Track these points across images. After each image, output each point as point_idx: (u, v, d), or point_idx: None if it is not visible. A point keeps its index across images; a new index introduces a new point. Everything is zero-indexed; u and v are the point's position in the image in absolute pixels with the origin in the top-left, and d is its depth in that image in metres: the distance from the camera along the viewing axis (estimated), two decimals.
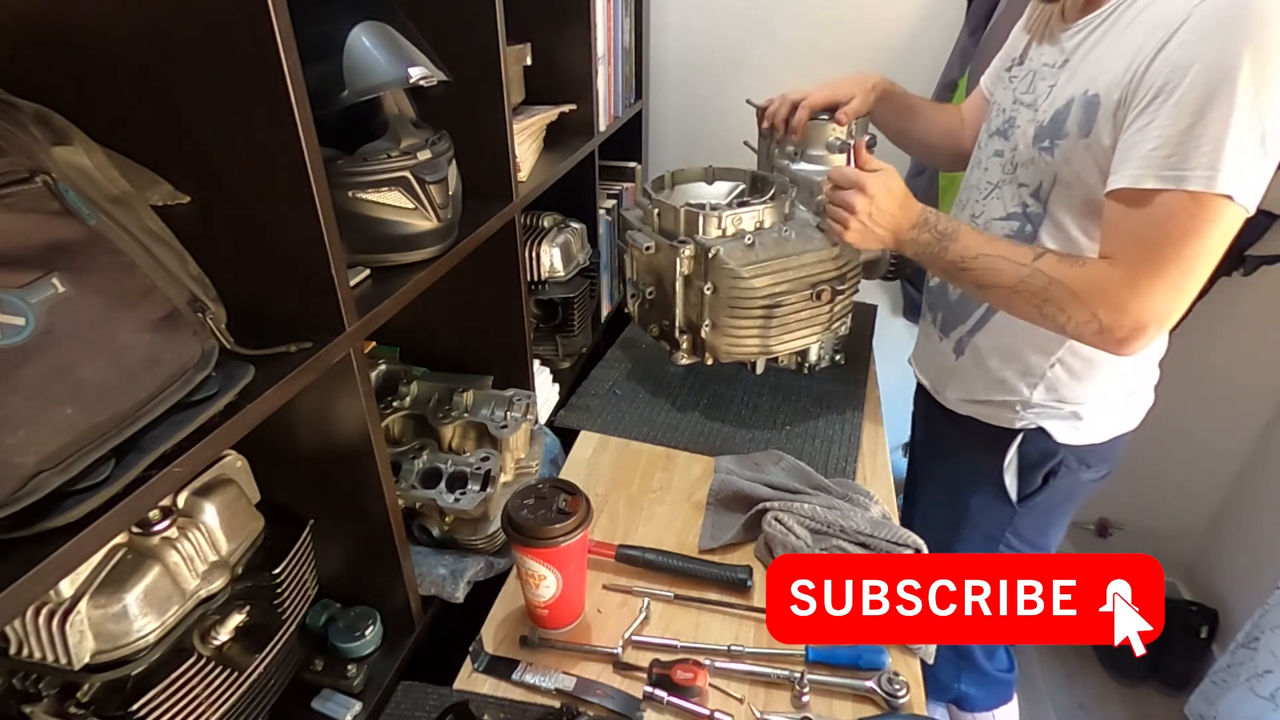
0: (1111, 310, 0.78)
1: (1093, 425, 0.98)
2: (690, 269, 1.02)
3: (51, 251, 0.46)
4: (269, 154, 0.56)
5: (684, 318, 1.07)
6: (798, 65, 1.66)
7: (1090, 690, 1.78)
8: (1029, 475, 1.02)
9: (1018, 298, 0.83)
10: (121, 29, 0.54)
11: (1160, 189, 0.73)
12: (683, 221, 1.03)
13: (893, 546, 0.88)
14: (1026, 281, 0.82)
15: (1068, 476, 1.01)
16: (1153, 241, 0.75)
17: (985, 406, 1.02)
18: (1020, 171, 0.92)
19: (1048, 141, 0.86)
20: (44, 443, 0.41)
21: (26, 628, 0.53)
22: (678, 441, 1.15)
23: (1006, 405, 1.00)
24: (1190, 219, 0.73)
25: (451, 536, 0.91)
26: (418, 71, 0.70)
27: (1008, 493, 1.03)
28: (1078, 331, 0.81)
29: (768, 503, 0.95)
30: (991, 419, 1.02)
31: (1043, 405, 0.97)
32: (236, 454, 0.68)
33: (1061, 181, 0.86)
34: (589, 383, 1.30)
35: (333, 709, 0.73)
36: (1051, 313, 0.81)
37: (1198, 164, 0.71)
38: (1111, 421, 0.99)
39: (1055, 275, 0.80)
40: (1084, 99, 0.81)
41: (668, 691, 0.75)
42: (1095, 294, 0.78)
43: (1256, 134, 0.70)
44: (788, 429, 1.18)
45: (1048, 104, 0.87)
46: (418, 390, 1.01)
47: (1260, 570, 1.67)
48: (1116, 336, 0.79)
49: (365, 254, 0.75)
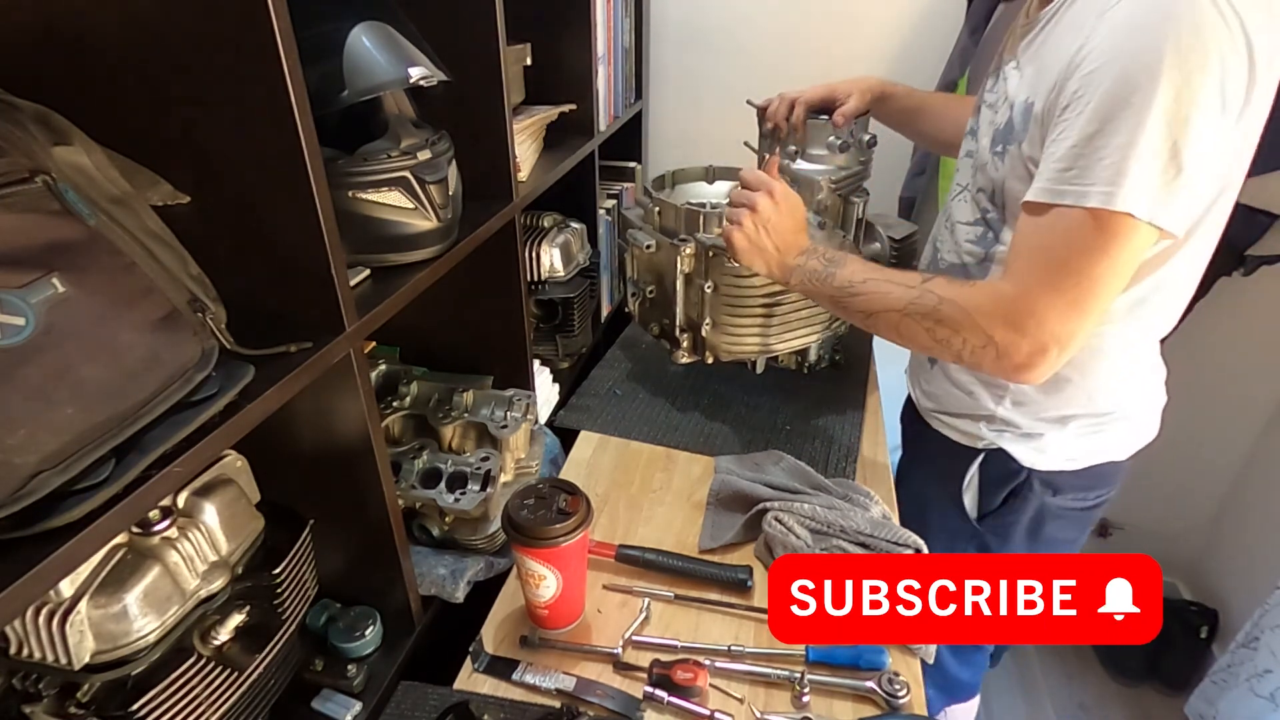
0: (1007, 329, 0.72)
1: (1056, 448, 0.93)
2: (691, 267, 1.02)
3: (51, 251, 0.46)
4: (269, 154, 0.56)
5: (684, 316, 1.07)
6: (798, 65, 1.66)
7: (1090, 690, 1.78)
8: (989, 493, 0.99)
9: (908, 322, 0.79)
10: (121, 28, 0.53)
11: (1058, 204, 0.69)
12: (683, 220, 1.03)
13: (893, 546, 0.88)
14: (915, 303, 0.78)
15: (1032, 499, 0.96)
16: (1052, 260, 0.71)
17: (953, 419, 0.99)
18: (978, 175, 0.88)
19: (1000, 147, 0.83)
20: (44, 443, 0.41)
21: (26, 628, 0.53)
22: (678, 441, 1.15)
23: (972, 420, 0.96)
24: (1090, 237, 0.68)
25: (451, 536, 0.91)
26: (418, 71, 0.70)
27: (965, 510, 1.00)
28: (975, 358, 0.76)
29: (768, 503, 0.95)
30: (958, 436, 0.99)
31: (1006, 423, 0.93)
32: (236, 454, 0.68)
33: (1008, 190, 0.83)
34: (589, 383, 1.30)
35: (333, 709, 0.73)
36: (945, 336, 0.77)
37: (1097, 178, 0.66)
38: (1078, 446, 0.93)
39: (946, 295, 0.76)
40: (1023, 106, 0.78)
41: (668, 692, 0.75)
42: (989, 313, 0.74)
43: (1167, 145, 0.64)
44: (788, 429, 1.18)
45: (1005, 107, 0.84)
46: (418, 390, 1.01)
47: (1260, 570, 1.67)
48: (1015, 360, 0.73)
49: (365, 254, 0.75)
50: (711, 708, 0.75)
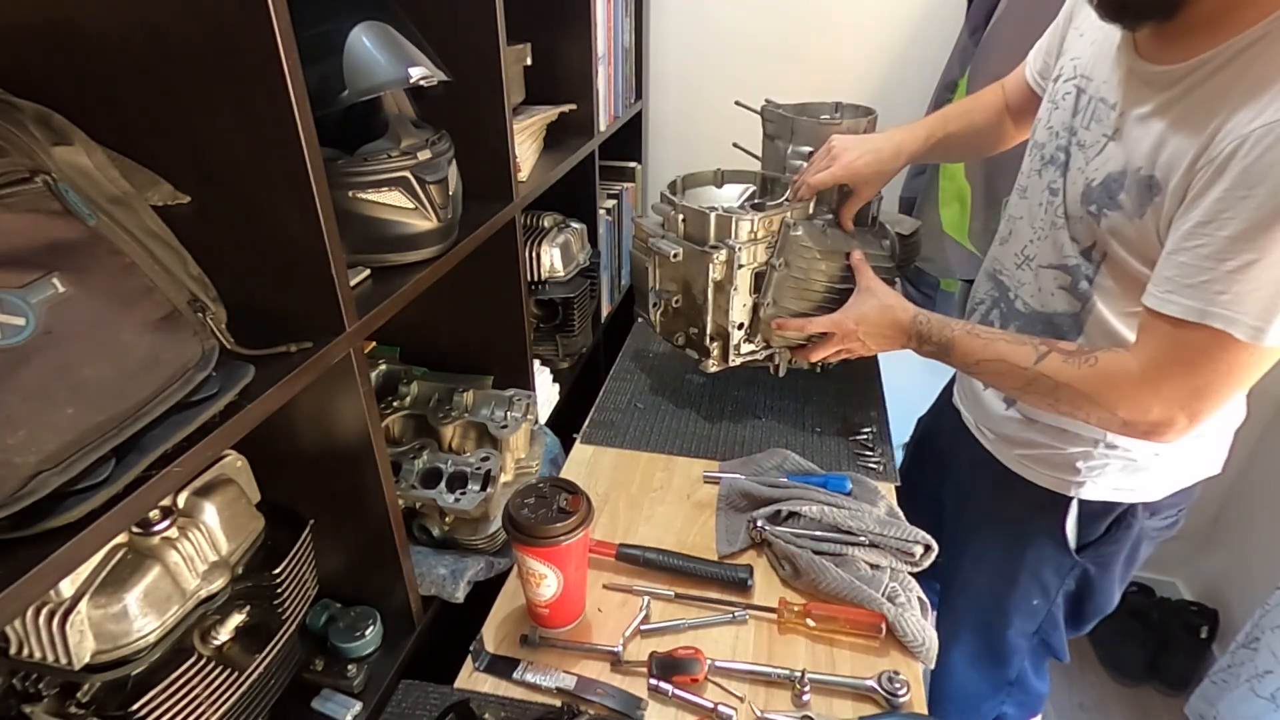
0: (1130, 409, 0.71)
1: (1158, 474, 0.88)
2: (723, 275, 1.00)
3: (52, 251, 0.46)
4: (269, 154, 0.56)
5: (715, 324, 1.05)
6: (798, 65, 1.66)
7: (1090, 690, 1.78)
8: (1089, 524, 0.94)
9: (1029, 397, 0.81)
10: (121, 29, 0.53)
11: (1202, 324, 0.65)
12: (713, 226, 1.00)
13: (901, 543, 0.89)
14: (1032, 385, 0.78)
15: (1135, 525, 0.92)
16: (1185, 362, 0.68)
17: (1045, 465, 0.92)
18: (1072, 225, 0.81)
19: (1095, 208, 0.76)
20: (44, 443, 0.41)
21: (27, 628, 0.53)
22: (714, 452, 1.13)
23: (1068, 462, 0.90)
24: (1231, 359, 0.65)
25: (451, 536, 0.91)
26: (418, 71, 0.70)
27: (1067, 544, 0.95)
28: (1103, 424, 0.76)
29: (778, 504, 0.95)
30: (1050, 484, 0.92)
31: (1105, 457, 0.87)
32: (236, 454, 0.68)
33: (1112, 256, 0.77)
34: (606, 397, 1.27)
35: (333, 709, 0.73)
36: (1067, 410, 0.77)
37: (1248, 310, 0.63)
38: (1171, 474, 0.89)
39: (1061, 380, 0.75)
40: (1139, 179, 0.71)
41: (669, 682, 0.76)
42: (1110, 393, 0.72)
43: None
44: (818, 431, 1.18)
45: (1100, 160, 0.76)
46: (418, 390, 1.01)
47: (1260, 570, 1.67)
48: (1142, 430, 0.73)
49: (365, 254, 0.75)
50: (714, 700, 0.75)
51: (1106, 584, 0.99)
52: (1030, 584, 1.00)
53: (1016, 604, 1.02)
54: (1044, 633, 1.05)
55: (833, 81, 1.65)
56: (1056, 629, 1.05)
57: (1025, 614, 1.03)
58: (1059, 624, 1.04)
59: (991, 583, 1.04)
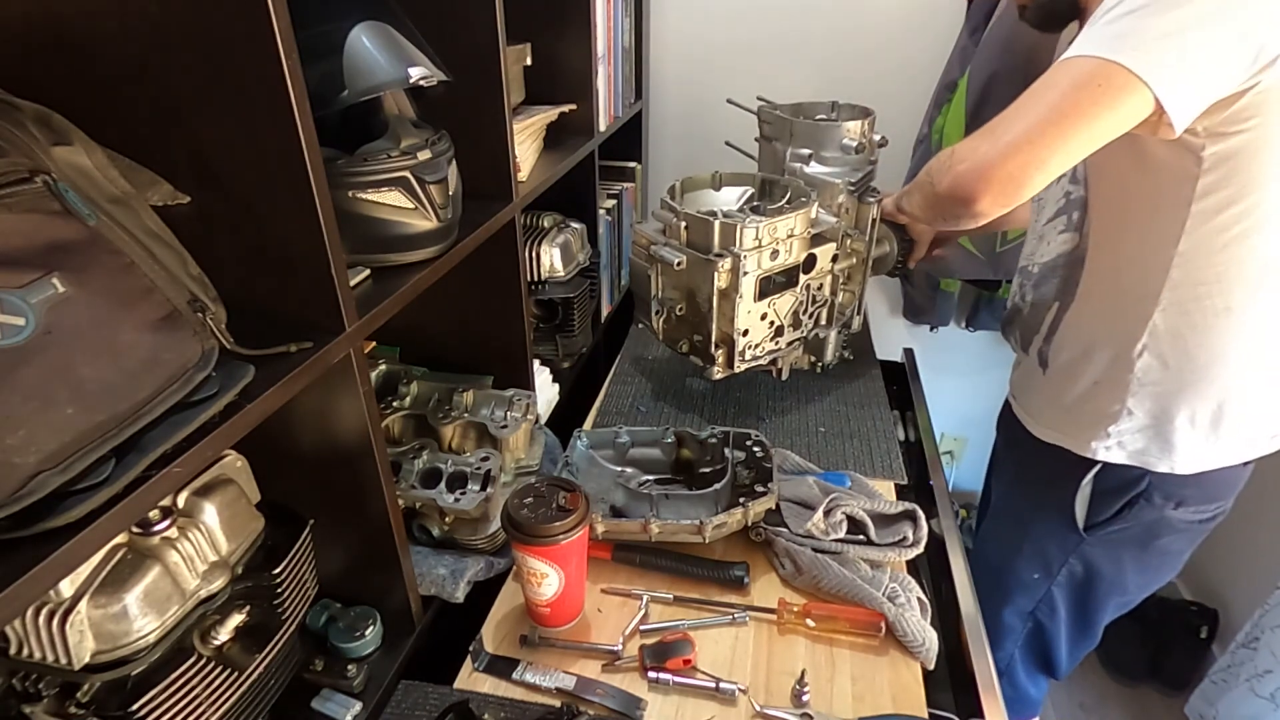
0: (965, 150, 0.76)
1: (1184, 447, 0.89)
2: (728, 282, 0.99)
3: (51, 251, 0.45)
4: (269, 154, 0.56)
5: (719, 332, 1.04)
6: (798, 65, 1.66)
7: (1090, 690, 1.78)
8: (1102, 502, 0.95)
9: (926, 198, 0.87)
10: (121, 29, 0.53)
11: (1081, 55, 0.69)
12: (718, 234, 0.98)
13: (888, 522, 0.91)
14: None
15: (1150, 511, 0.93)
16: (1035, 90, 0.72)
17: (1074, 425, 0.95)
18: None
19: None
20: (44, 443, 0.41)
21: (26, 628, 0.53)
22: None
23: (1097, 422, 0.92)
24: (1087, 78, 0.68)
25: (451, 536, 0.91)
26: (418, 71, 0.70)
27: (1075, 519, 0.97)
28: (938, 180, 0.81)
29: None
30: (1075, 446, 0.94)
31: (1134, 426, 0.89)
32: (236, 454, 0.68)
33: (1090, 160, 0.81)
34: (607, 401, 1.27)
35: (333, 709, 0.73)
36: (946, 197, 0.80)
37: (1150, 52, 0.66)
38: (1204, 446, 0.89)
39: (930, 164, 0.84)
40: None
41: (665, 668, 0.77)
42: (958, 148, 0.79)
43: None
44: (822, 431, 1.18)
45: None
46: (418, 390, 1.01)
47: (1260, 570, 1.67)
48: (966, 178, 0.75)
49: (365, 254, 0.75)
50: (715, 675, 0.76)
51: (1113, 573, 1.00)
52: (1034, 556, 1.03)
53: (1018, 575, 1.04)
54: (1040, 615, 1.06)
55: (833, 81, 1.65)
56: (1054, 618, 1.05)
57: (1024, 589, 1.05)
58: (1057, 609, 1.05)
59: (1000, 554, 1.06)
